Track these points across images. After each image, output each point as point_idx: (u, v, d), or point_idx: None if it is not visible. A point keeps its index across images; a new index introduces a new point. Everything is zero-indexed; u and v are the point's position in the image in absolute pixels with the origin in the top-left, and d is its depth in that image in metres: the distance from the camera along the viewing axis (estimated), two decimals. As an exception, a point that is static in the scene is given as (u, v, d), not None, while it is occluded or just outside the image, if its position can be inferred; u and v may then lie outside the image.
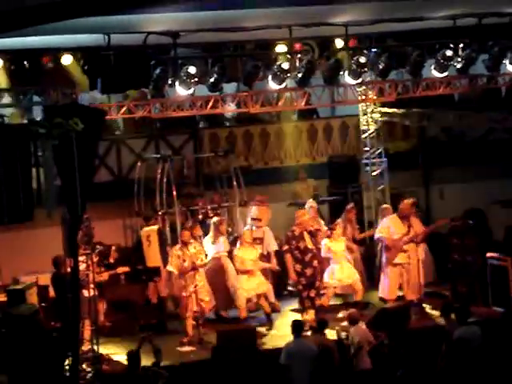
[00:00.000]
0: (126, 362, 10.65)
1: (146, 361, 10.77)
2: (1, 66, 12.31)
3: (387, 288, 13.32)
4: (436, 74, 12.25)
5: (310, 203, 14.14)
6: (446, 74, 12.28)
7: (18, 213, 9.02)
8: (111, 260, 13.04)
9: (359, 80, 11.92)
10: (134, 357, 10.44)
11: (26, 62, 12.30)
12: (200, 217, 14.30)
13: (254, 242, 13.51)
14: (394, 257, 13.20)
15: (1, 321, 11.43)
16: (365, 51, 11.84)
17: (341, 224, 13.83)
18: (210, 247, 13.50)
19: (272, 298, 13.72)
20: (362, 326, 11.39)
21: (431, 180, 17.05)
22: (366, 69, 11.85)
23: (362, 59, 11.69)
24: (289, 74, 11.62)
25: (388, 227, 13.29)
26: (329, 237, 13.30)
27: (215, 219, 13.71)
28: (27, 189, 9.28)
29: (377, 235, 13.50)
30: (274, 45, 12.76)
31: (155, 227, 13.95)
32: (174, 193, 14.05)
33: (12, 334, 11.03)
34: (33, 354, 10.88)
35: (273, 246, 13.67)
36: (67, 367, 10.83)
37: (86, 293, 11.75)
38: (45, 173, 9.37)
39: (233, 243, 13.77)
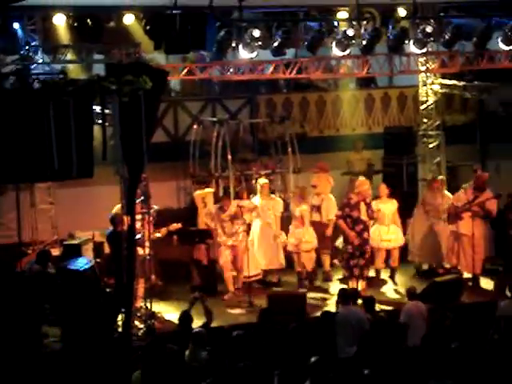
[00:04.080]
0: (177, 322, 10.77)
1: (197, 321, 10.90)
2: (64, 23, 12.36)
3: (447, 257, 13.27)
4: (503, 46, 12.02)
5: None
6: (512, 47, 12.08)
7: (81, 169, 9.10)
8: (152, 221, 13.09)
9: (424, 50, 11.76)
10: (185, 317, 10.55)
11: (88, 20, 12.33)
12: (253, 182, 14.33)
13: (311, 210, 13.53)
14: (453, 223, 13.08)
15: (56, 274, 11.64)
16: (431, 20, 11.65)
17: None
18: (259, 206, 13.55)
19: (327, 267, 13.78)
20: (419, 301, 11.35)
21: (488, 155, 16.83)
22: (431, 38, 11.67)
23: (429, 29, 11.52)
24: (353, 41, 11.51)
25: (458, 195, 13.15)
26: (378, 197, 13.22)
27: (260, 181, 13.72)
28: (89, 145, 9.33)
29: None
30: (336, 11, 12.62)
31: (211, 190, 14.04)
32: (229, 157, 14.08)
33: (67, 287, 11.19)
34: (87, 308, 11.03)
35: (331, 215, 13.57)
36: (120, 323, 10.97)
37: (140, 251, 11.88)
38: (108, 131, 9.39)
39: (286, 209, 13.80)
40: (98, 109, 9.63)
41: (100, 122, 9.45)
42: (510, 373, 8.45)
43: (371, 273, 13.44)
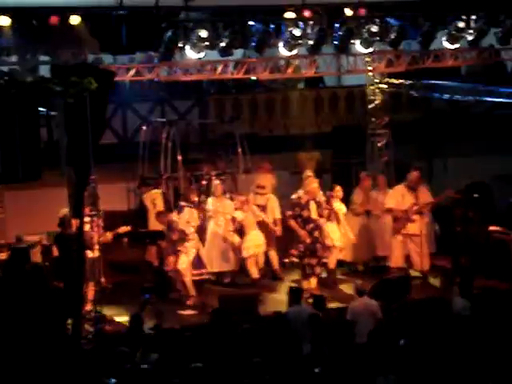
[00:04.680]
0: (127, 324, 10.71)
1: (148, 323, 10.85)
2: (9, 24, 12.19)
3: (393, 257, 13.40)
4: (447, 45, 12.19)
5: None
6: (457, 45, 12.24)
7: (27, 172, 9.00)
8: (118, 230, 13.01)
9: (371, 49, 11.87)
10: (136, 319, 10.50)
11: (34, 21, 12.17)
12: (204, 182, 14.32)
13: (258, 209, 13.61)
14: (402, 226, 13.24)
15: (3, 278, 11.48)
16: (376, 20, 11.76)
17: (359, 194, 13.88)
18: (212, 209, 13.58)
19: (276, 265, 13.83)
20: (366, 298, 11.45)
21: (435, 153, 17.04)
22: (377, 38, 11.79)
23: (374, 28, 11.63)
24: (300, 41, 11.56)
25: (396, 198, 13.32)
26: (331, 196, 13.35)
27: (215, 182, 13.75)
28: (36, 148, 9.23)
29: (386, 206, 13.49)
30: (283, 11, 12.65)
31: (159, 191, 13.99)
32: (179, 158, 14.05)
33: (15, 291, 11.06)
34: (35, 311, 10.92)
35: (277, 214, 13.71)
36: (69, 326, 10.87)
37: (89, 253, 11.79)
38: (55, 133, 9.31)
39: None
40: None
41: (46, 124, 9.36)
42: (460, 368, 8.57)
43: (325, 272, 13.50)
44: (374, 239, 14.01)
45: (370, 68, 13.43)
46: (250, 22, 11.55)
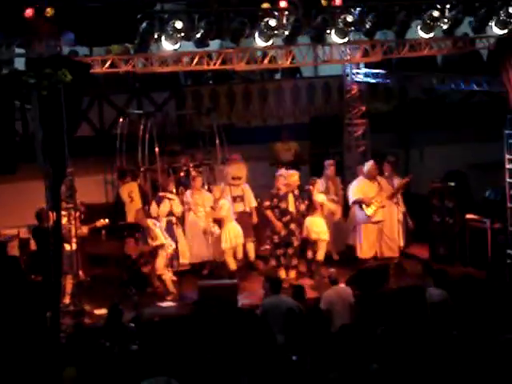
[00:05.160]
0: (106, 316, 10.70)
1: (127, 315, 10.85)
2: (-17, 17, 12.08)
3: (365, 247, 13.47)
4: (422, 34, 12.21)
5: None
6: (431, 34, 12.27)
7: (1, 165, 8.94)
8: (81, 216, 12.97)
9: (346, 39, 11.87)
10: (115, 311, 10.49)
11: (7, 13, 12.06)
12: (182, 174, 14.31)
13: (234, 201, 13.63)
14: (373, 215, 13.34)
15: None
16: (352, 10, 11.77)
17: (323, 182, 13.95)
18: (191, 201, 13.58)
19: (252, 256, 13.86)
20: (342, 285, 11.51)
21: (411, 142, 17.12)
22: (352, 28, 11.79)
23: (349, 18, 11.64)
24: (276, 32, 11.54)
25: (361, 188, 13.42)
26: (311, 190, 13.37)
27: (193, 174, 13.74)
28: (11, 141, 9.18)
29: (353, 198, 13.55)
30: (260, 1, 12.62)
31: (135, 183, 13.96)
32: (157, 149, 14.02)
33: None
34: (13, 305, 10.89)
35: (253, 203, 13.80)
36: (48, 320, 10.85)
37: (67, 247, 11.76)
38: (30, 126, 9.24)
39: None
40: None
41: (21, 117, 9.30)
42: (437, 356, 8.64)
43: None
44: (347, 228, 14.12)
45: (346, 58, 13.43)
46: (226, 13, 11.50)
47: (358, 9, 11.95)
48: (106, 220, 12.87)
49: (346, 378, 7.90)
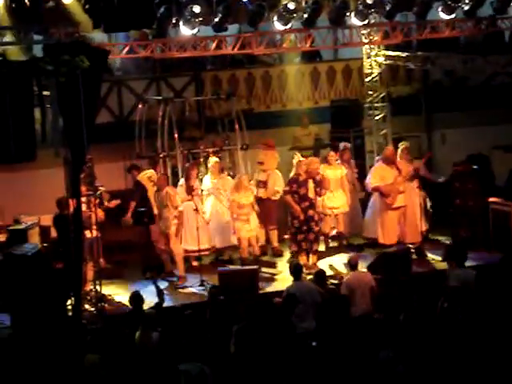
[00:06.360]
0: (128, 303, 10.69)
1: (149, 302, 10.84)
2: (1, 4, 12.08)
3: (387, 233, 13.35)
4: (443, 15, 12.07)
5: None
6: (453, 16, 12.12)
7: (21, 152, 8.93)
8: (105, 203, 12.99)
9: (365, 21, 11.76)
10: (136, 298, 10.48)
11: (26, 0, 12.05)
12: (201, 160, 14.25)
13: (257, 186, 13.55)
14: (393, 201, 13.20)
15: (3, 260, 11.44)
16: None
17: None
18: (209, 186, 13.53)
19: (275, 242, 13.80)
20: (362, 270, 11.43)
21: (433, 125, 16.96)
22: (372, 10, 11.67)
23: (369, 0, 11.52)
24: (295, 15, 11.45)
25: (380, 175, 13.28)
26: (326, 162, 13.30)
27: (211, 160, 13.67)
28: (30, 128, 9.16)
29: (372, 185, 13.44)
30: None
31: (151, 171, 13.90)
32: (176, 135, 13.96)
33: (14, 273, 11.02)
34: (35, 293, 10.90)
35: (280, 188, 13.59)
36: (70, 307, 10.86)
37: (88, 234, 11.76)
38: (49, 113, 9.21)
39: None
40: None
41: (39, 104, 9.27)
42: (459, 342, 8.55)
43: (322, 247, 13.50)
44: (359, 217, 14.08)
45: (365, 41, 13.30)
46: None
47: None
48: (118, 200, 12.89)
49: (363, 366, 7.82)
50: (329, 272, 12.32)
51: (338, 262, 13.26)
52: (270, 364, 8.02)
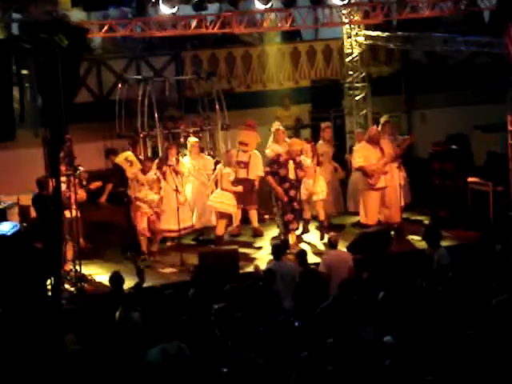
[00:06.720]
0: (108, 283, 10.68)
1: (129, 282, 10.83)
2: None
3: (369, 213, 13.39)
4: (423, -5, 12.11)
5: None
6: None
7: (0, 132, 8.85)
8: (83, 182, 12.94)
9: (346, 1, 11.75)
10: (116, 278, 10.46)
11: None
12: (181, 140, 14.21)
13: (238, 166, 13.55)
14: (376, 182, 13.22)
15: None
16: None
17: (322, 145, 13.90)
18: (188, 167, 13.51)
19: (255, 223, 13.82)
20: (341, 249, 11.48)
21: (413, 105, 17.00)
22: (353, -11, 11.68)
23: (350, -21, 11.52)
24: (275, -6, 11.44)
25: (363, 155, 13.29)
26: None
27: (190, 140, 13.62)
28: (9, 107, 9.07)
29: (356, 165, 13.44)
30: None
31: (129, 152, 13.82)
32: (156, 115, 13.90)
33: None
34: (14, 274, 10.85)
35: (259, 172, 13.59)
36: (49, 287, 10.82)
37: (67, 214, 11.71)
38: (28, 92, 9.13)
39: (215, 166, 13.75)
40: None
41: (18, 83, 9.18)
42: (439, 318, 8.61)
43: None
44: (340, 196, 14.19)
45: (346, 20, 13.29)
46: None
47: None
48: (100, 182, 12.85)
49: (342, 345, 7.86)
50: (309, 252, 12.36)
51: (318, 242, 13.33)
52: (251, 343, 8.04)
